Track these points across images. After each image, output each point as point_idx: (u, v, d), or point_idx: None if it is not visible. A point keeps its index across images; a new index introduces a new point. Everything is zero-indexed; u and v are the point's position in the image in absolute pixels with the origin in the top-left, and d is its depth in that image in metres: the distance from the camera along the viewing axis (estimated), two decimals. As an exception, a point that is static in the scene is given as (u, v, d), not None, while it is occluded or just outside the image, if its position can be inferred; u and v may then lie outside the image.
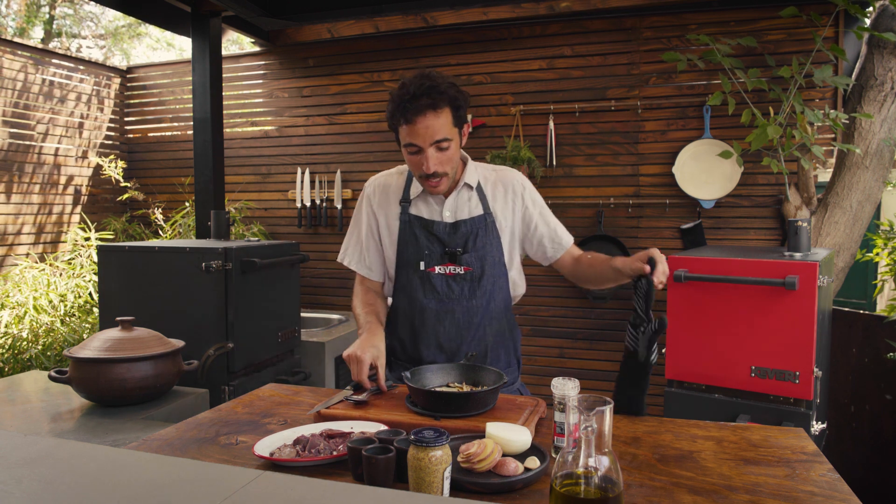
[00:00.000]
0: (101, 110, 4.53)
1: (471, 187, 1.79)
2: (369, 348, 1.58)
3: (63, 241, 4.24)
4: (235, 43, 8.24)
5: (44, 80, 4.13)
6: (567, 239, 1.86)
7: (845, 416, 2.95)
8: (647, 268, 1.56)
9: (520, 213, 1.81)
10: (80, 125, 4.39)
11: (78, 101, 4.37)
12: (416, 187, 1.79)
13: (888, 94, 3.02)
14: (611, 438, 0.93)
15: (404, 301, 1.78)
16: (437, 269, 1.75)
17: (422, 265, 1.75)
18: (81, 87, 4.39)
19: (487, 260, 1.76)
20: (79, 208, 4.38)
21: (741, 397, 2.36)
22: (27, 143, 4.03)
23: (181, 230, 4.09)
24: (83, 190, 4.41)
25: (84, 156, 4.41)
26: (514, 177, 1.84)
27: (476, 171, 1.82)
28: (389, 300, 1.88)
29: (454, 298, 1.75)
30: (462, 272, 1.75)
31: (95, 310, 3.64)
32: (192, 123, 3.61)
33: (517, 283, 1.86)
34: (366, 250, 1.85)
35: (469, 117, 1.79)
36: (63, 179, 4.27)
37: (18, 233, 3.99)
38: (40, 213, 4.13)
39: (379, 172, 1.91)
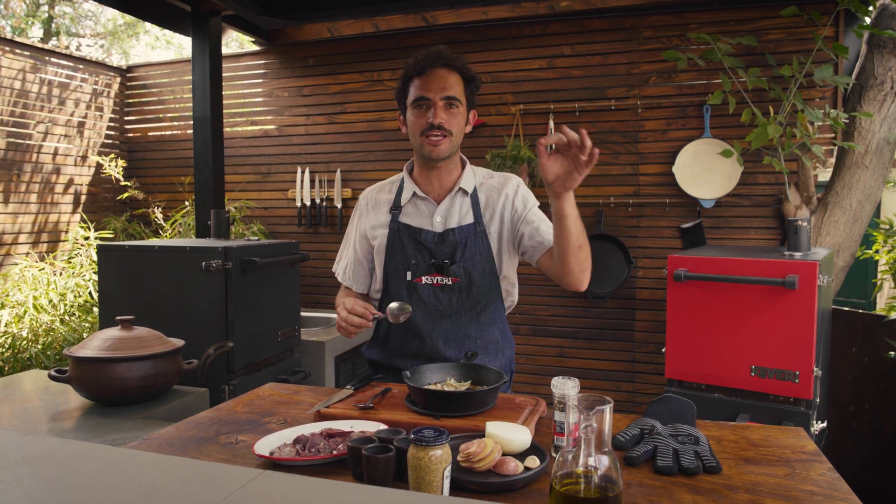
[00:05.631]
0: (101, 110, 4.53)
1: (466, 193, 1.75)
2: (346, 302, 1.61)
3: (64, 241, 4.24)
4: (235, 40, 8.23)
5: (43, 80, 4.13)
6: (549, 238, 1.68)
7: (845, 416, 2.95)
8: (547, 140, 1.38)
9: (508, 216, 1.74)
10: (80, 124, 4.39)
11: (78, 101, 4.36)
12: (407, 194, 1.77)
13: (888, 94, 3.02)
14: (610, 438, 0.93)
15: None
16: (424, 279, 1.71)
17: (409, 275, 1.71)
18: (81, 87, 4.38)
19: (476, 270, 1.70)
20: (79, 207, 4.38)
21: (741, 397, 2.36)
22: (27, 142, 4.03)
23: (181, 229, 4.09)
24: (83, 189, 4.41)
25: (84, 155, 4.41)
26: (510, 181, 1.78)
27: (473, 177, 1.78)
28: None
29: (442, 309, 1.71)
30: (450, 283, 1.70)
31: (95, 309, 3.64)
32: (192, 123, 3.61)
33: (509, 292, 1.81)
34: (350, 263, 1.87)
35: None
36: (63, 179, 4.27)
37: (18, 232, 3.99)
38: (40, 212, 4.13)
39: (377, 182, 1.90)
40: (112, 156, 4.46)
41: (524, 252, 1.75)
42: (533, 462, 1.16)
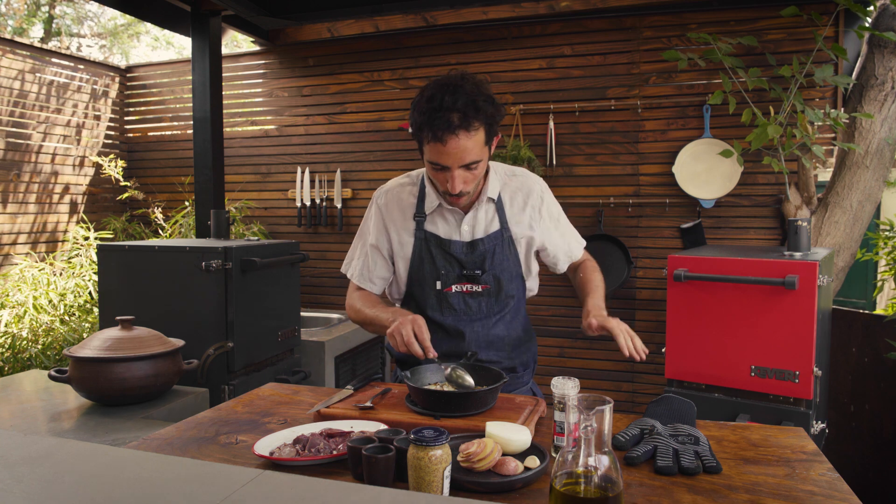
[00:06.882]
0: (101, 110, 4.53)
1: (492, 200, 1.71)
2: (410, 314, 1.56)
3: (63, 241, 4.24)
4: (233, 39, 8.23)
5: (43, 80, 4.13)
6: (578, 251, 1.87)
7: (845, 416, 2.95)
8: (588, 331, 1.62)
9: (537, 227, 1.75)
10: (80, 124, 4.39)
11: (78, 101, 4.36)
12: (430, 201, 1.70)
13: (888, 94, 3.02)
14: (611, 438, 0.93)
15: None
16: (454, 287, 1.69)
17: (438, 284, 1.69)
18: (81, 87, 4.38)
19: (504, 276, 1.70)
20: (79, 208, 4.38)
21: (741, 397, 2.36)
22: (27, 142, 4.03)
23: (181, 229, 4.09)
24: (83, 189, 4.41)
25: (84, 155, 4.41)
26: (534, 186, 1.77)
27: (497, 180, 1.73)
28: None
29: (472, 314, 1.71)
30: (480, 290, 1.69)
31: (95, 309, 3.64)
32: (191, 123, 3.61)
33: (532, 288, 1.84)
34: (372, 263, 1.78)
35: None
36: (62, 179, 4.27)
37: (18, 233, 3.99)
38: (39, 213, 4.13)
39: (388, 181, 1.83)
40: (112, 156, 4.46)
41: (554, 263, 1.84)
42: (533, 462, 1.16)
